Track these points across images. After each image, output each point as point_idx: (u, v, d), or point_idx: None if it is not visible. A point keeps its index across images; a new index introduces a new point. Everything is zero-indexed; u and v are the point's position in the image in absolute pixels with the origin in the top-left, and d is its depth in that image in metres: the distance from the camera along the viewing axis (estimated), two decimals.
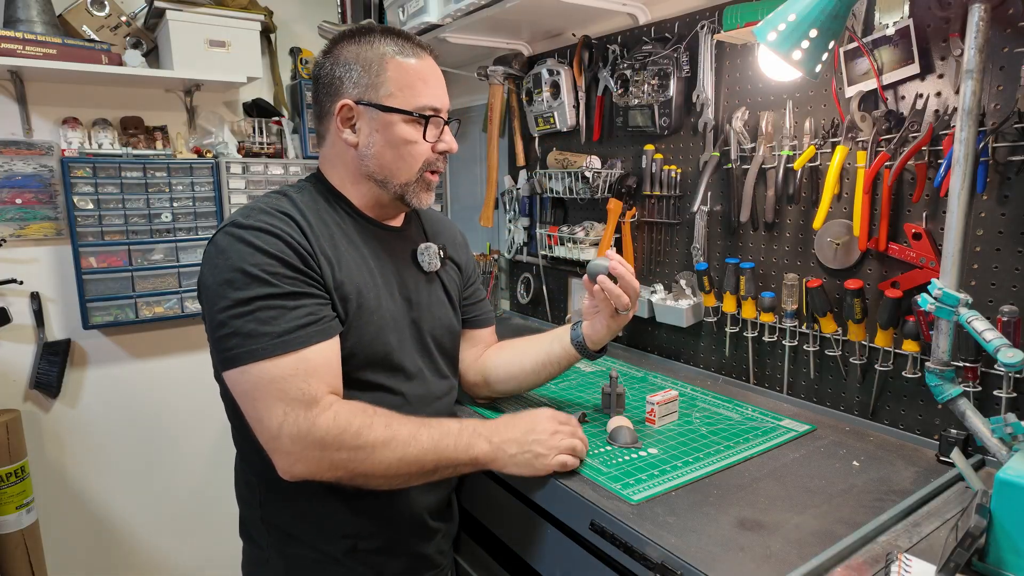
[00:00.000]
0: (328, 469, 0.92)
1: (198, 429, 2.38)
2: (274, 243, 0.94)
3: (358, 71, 1.03)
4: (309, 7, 2.47)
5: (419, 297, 1.14)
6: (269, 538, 1.07)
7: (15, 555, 1.94)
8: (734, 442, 1.18)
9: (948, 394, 1.03)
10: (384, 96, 1.03)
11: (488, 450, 1.00)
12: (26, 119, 1.98)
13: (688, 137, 1.62)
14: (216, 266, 0.94)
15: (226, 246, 0.94)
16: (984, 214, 1.10)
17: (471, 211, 2.51)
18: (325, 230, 1.03)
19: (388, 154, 1.05)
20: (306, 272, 0.96)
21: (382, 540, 1.07)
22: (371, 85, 1.03)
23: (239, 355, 0.90)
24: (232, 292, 0.91)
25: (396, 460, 0.93)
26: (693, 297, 1.62)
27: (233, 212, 1.01)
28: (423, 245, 1.18)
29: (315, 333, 0.93)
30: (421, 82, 1.05)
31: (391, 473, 0.94)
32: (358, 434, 0.91)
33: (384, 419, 0.95)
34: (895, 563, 0.78)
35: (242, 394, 0.93)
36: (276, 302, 0.92)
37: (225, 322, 0.91)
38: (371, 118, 1.04)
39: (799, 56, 1.01)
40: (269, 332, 0.90)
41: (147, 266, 2.12)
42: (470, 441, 1.00)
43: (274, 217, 0.97)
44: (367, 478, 0.94)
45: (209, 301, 0.94)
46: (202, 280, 0.97)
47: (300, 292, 0.94)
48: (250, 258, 0.92)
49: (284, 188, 1.08)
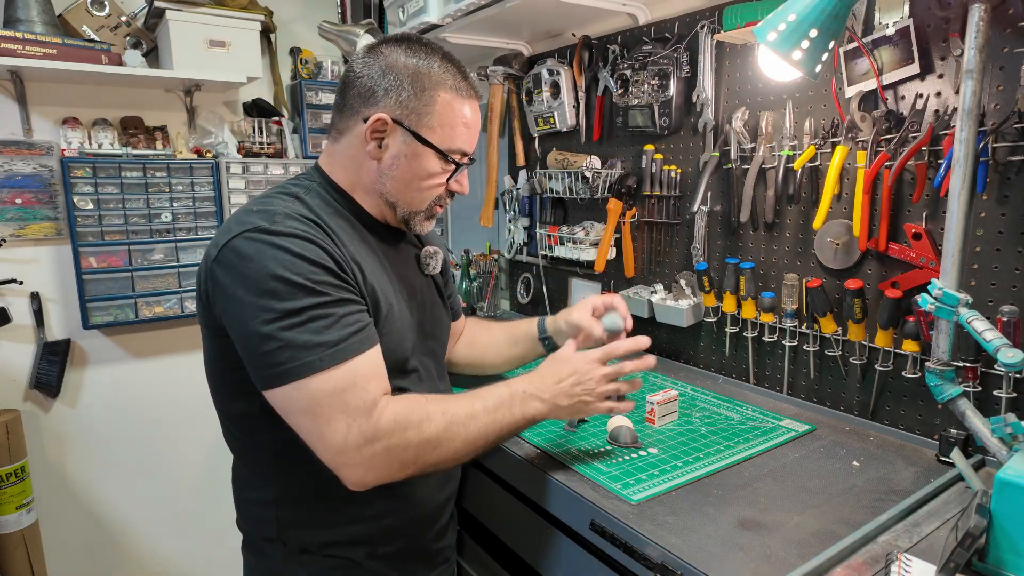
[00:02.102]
0: (399, 470, 0.90)
1: (198, 429, 2.38)
2: (313, 250, 0.89)
3: (408, 91, 0.98)
4: (309, 7, 2.47)
5: (423, 299, 1.14)
6: (285, 549, 1.03)
7: (15, 555, 1.94)
8: (734, 442, 1.18)
9: (948, 394, 1.03)
10: (426, 127, 0.99)
11: (543, 409, 1.02)
12: (26, 119, 1.98)
13: (688, 137, 1.62)
14: (248, 277, 0.86)
15: (255, 254, 0.87)
16: (984, 214, 1.10)
17: (471, 211, 2.51)
18: (345, 235, 1.00)
19: (407, 182, 1.02)
20: (345, 279, 0.93)
21: (401, 542, 1.06)
22: (416, 110, 0.99)
23: (293, 369, 0.85)
24: (277, 303, 0.85)
25: (461, 443, 0.93)
26: (693, 297, 1.62)
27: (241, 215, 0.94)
28: (430, 249, 1.18)
29: (365, 339, 0.91)
30: (464, 126, 1.03)
31: (457, 456, 0.94)
32: (420, 428, 0.90)
33: (438, 405, 0.95)
34: (895, 563, 0.78)
35: (299, 411, 0.87)
36: (327, 310, 0.87)
37: (272, 335, 0.85)
38: (403, 141, 1.00)
39: (799, 56, 1.01)
40: (325, 342, 0.86)
41: (147, 266, 2.11)
42: (524, 404, 1.00)
43: (303, 223, 0.92)
44: (437, 465, 0.93)
45: (246, 314, 0.86)
46: (221, 289, 0.89)
47: (345, 299, 0.91)
48: (291, 266, 0.86)
49: (289, 188, 1.02)
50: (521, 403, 1.00)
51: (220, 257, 0.90)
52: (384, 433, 0.88)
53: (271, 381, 0.87)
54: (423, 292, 1.15)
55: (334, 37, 2.20)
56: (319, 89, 2.38)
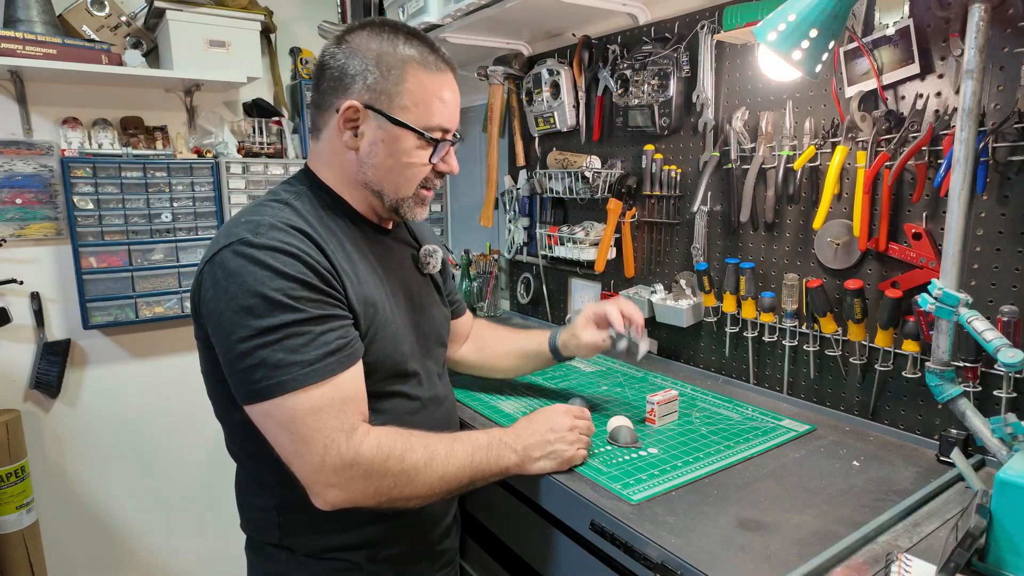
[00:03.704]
0: (372, 497, 0.89)
1: (198, 428, 2.38)
2: (293, 264, 0.87)
3: (375, 73, 0.95)
4: (309, 7, 2.47)
5: (420, 300, 1.13)
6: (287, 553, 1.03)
7: (15, 555, 1.94)
8: (734, 442, 1.18)
9: (948, 394, 1.03)
10: (398, 108, 0.96)
11: (516, 460, 1.02)
12: (26, 119, 1.98)
13: (688, 137, 1.62)
14: (228, 291, 0.86)
15: (237, 268, 0.86)
16: (984, 214, 1.10)
17: (471, 211, 2.51)
18: (335, 241, 0.97)
19: (389, 167, 0.99)
20: (329, 293, 0.90)
21: (403, 543, 1.06)
22: (385, 92, 0.95)
23: (268, 388, 0.84)
24: (253, 320, 0.84)
25: (437, 479, 0.93)
26: (693, 297, 1.62)
27: (231, 225, 0.92)
28: (429, 248, 1.17)
29: (345, 358, 0.89)
30: (438, 100, 0.99)
31: (432, 493, 0.93)
32: (402, 458, 0.90)
33: (420, 440, 0.94)
34: (895, 563, 0.78)
35: (275, 427, 0.87)
36: (303, 328, 0.86)
37: (248, 352, 0.84)
38: (377, 126, 0.97)
39: (799, 56, 1.01)
40: (300, 361, 0.85)
41: (147, 266, 2.12)
42: (499, 453, 1.00)
43: (287, 234, 0.89)
44: (407, 500, 0.92)
45: (225, 330, 0.86)
46: (210, 306, 0.88)
47: (326, 315, 0.89)
48: (269, 282, 0.85)
49: (279, 194, 1.00)
50: (497, 450, 1.00)
51: (206, 270, 0.90)
52: (365, 459, 0.87)
53: (248, 398, 0.87)
54: (420, 292, 1.14)
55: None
56: None
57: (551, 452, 1.04)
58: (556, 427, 1.07)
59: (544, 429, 1.06)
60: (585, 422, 1.11)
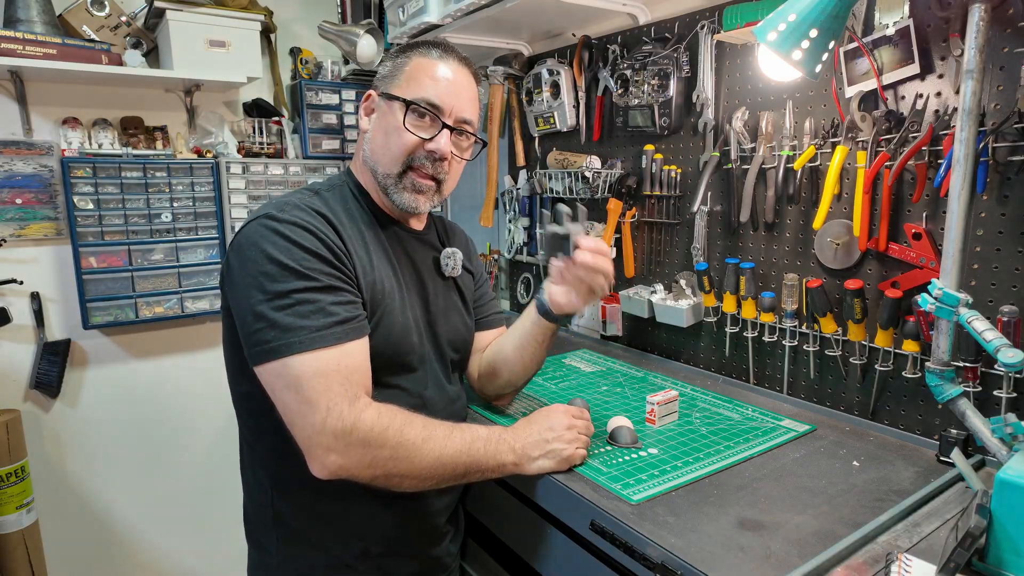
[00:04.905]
0: (367, 466, 0.90)
1: (198, 429, 2.38)
2: (309, 238, 0.94)
3: (388, 67, 1.10)
4: (309, 7, 2.47)
5: (437, 301, 1.15)
6: (278, 543, 1.06)
7: (15, 555, 1.94)
8: (734, 442, 1.18)
9: (948, 394, 1.03)
10: (395, 86, 1.07)
11: (514, 459, 1.02)
12: (26, 119, 1.98)
13: (688, 137, 1.62)
14: (249, 257, 0.93)
15: (258, 238, 0.93)
16: (984, 214, 1.10)
17: (471, 211, 2.51)
18: (355, 229, 1.04)
19: (379, 138, 1.08)
20: (341, 269, 0.96)
21: (394, 543, 1.07)
22: (390, 76, 1.09)
23: (278, 348, 0.89)
24: (269, 283, 0.90)
25: (434, 459, 0.93)
26: (693, 297, 1.62)
27: (265, 206, 1.01)
28: (449, 250, 1.19)
29: (352, 330, 0.93)
30: (429, 78, 1.06)
31: (426, 474, 0.94)
32: (400, 431, 0.91)
33: (420, 419, 0.95)
34: (895, 563, 0.78)
35: (282, 388, 0.90)
36: (314, 295, 0.91)
37: (262, 315, 0.90)
38: (379, 104, 1.09)
39: (799, 56, 1.01)
40: (308, 326, 0.89)
41: (147, 266, 2.11)
42: (498, 448, 1.01)
43: (308, 213, 0.97)
44: (402, 478, 0.93)
45: (241, 293, 0.93)
46: (231, 270, 0.96)
47: (336, 287, 0.94)
48: (286, 251, 0.92)
49: (315, 186, 1.10)
50: (496, 445, 1.00)
51: (234, 242, 0.98)
52: (365, 425, 0.89)
53: (259, 358, 0.91)
54: (439, 294, 1.16)
55: (334, 37, 2.20)
56: (319, 89, 2.38)
57: (549, 451, 1.04)
58: (554, 426, 1.07)
59: (542, 428, 1.06)
60: (583, 421, 1.11)
